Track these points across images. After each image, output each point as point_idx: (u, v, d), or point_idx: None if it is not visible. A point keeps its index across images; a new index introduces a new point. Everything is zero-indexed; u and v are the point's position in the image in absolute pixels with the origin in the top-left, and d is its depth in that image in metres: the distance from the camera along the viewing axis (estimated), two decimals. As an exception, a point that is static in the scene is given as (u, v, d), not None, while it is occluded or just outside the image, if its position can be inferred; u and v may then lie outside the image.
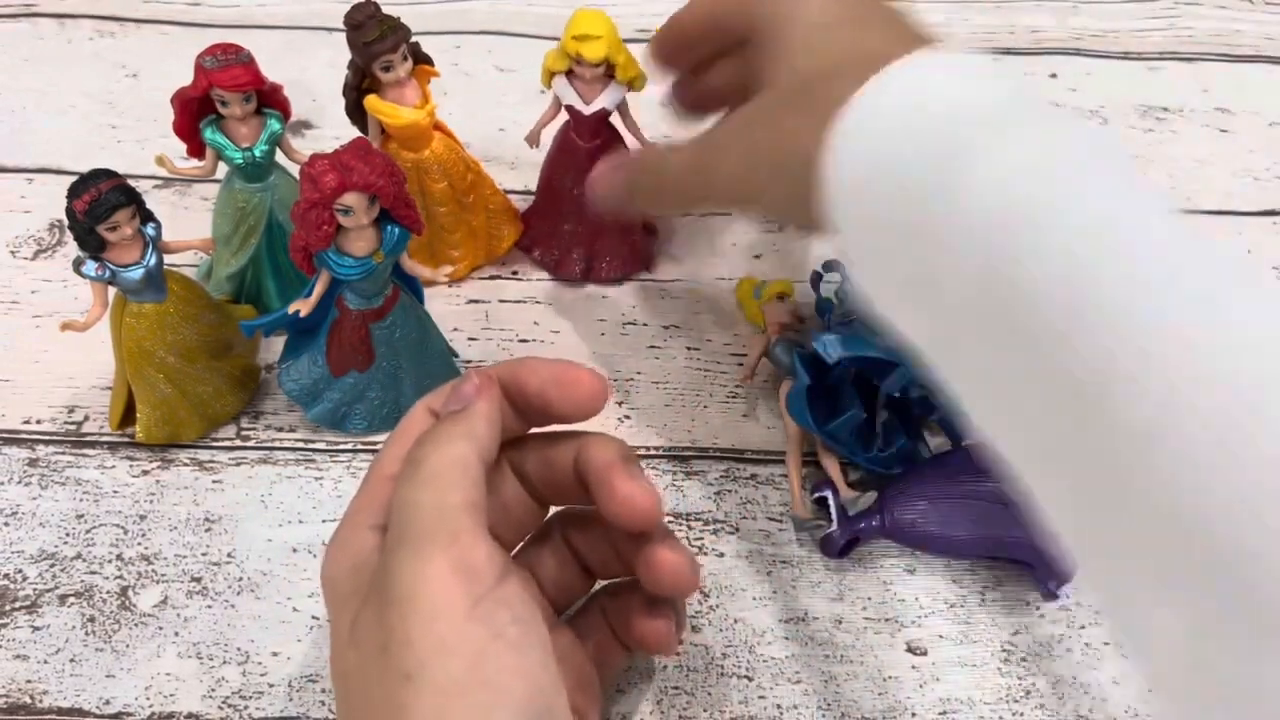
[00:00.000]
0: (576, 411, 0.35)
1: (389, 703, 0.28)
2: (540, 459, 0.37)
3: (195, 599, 0.45)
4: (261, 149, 0.48)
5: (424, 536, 0.30)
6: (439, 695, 0.27)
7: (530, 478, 0.37)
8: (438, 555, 0.29)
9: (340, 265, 0.43)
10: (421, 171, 0.52)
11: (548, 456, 0.37)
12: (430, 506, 0.30)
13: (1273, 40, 0.68)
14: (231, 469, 0.49)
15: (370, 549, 0.32)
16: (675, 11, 0.43)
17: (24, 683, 0.43)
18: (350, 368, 0.47)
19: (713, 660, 0.44)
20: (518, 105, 0.63)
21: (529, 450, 0.37)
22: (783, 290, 0.52)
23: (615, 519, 0.34)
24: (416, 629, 0.28)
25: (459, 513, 0.30)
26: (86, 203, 0.41)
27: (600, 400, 0.35)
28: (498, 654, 0.28)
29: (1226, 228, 0.58)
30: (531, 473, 0.37)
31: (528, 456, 0.37)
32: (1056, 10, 0.69)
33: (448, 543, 0.29)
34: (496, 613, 0.29)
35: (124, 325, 0.46)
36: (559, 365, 0.35)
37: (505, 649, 0.28)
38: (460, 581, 0.29)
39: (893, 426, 0.47)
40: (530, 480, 0.37)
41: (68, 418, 0.50)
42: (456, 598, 0.28)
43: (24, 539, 0.46)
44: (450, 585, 0.29)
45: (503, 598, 0.29)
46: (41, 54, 0.66)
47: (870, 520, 0.45)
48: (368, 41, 0.47)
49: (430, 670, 0.28)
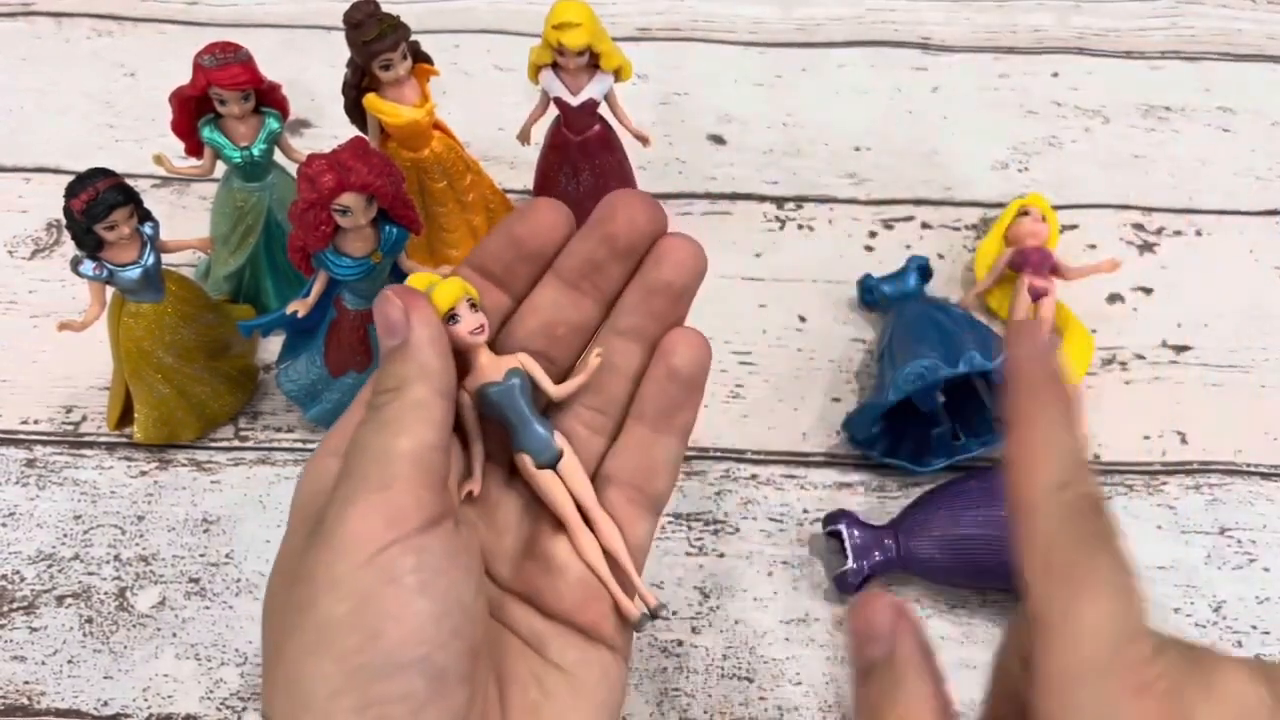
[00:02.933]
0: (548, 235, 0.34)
1: (282, 627, 0.29)
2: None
3: (193, 600, 0.45)
4: (260, 148, 0.48)
5: (358, 479, 0.30)
6: (317, 632, 0.28)
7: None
8: (361, 499, 0.29)
9: (338, 265, 0.43)
10: (421, 171, 0.51)
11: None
12: (375, 450, 0.30)
13: (1275, 39, 0.68)
14: (230, 469, 0.49)
15: (331, 476, 0.32)
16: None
17: (22, 684, 0.42)
18: (349, 368, 0.47)
19: (713, 661, 0.44)
20: (517, 104, 0.63)
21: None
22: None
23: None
24: (320, 566, 0.29)
25: (400, 459, 0.30)
26: (84, 202, 0.41)
27: (560, 216, 0.34)
28: (383, 599, 0.28)
29: (1228, 227, 0.58)
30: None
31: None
32: (1058, 9, 0.69)
33: (377, 487, 0.30)
34: (401, 559, 0.29)
35: (122, 325, 0.46)
36: (509, 217, 0.34)
37: (394, 595, 0.29)
38: (376, 527, 0.29)
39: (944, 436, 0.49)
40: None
41: (65, 418, 0.50)
42: (364, 542, 0.29)
43: (21, 540, 0.46)
44: (363, 529, 0.29)
45: (418, 545, 0.29)
46: (39, 53, 0.66)
47: (887, 554, 0.44)
48: (367, 40, 0.47)
49: (319, 607, 0.28)
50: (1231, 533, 0.47)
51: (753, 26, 0.68)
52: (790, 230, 0.58)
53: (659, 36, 0.68)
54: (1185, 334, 0.54)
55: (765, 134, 0.62)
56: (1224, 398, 0.52)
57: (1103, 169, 0.61)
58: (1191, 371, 0.53)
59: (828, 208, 0.59)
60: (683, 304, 0.36)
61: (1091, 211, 0.59)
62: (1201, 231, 0.58)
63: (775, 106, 0.64)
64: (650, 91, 0.64)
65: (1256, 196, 0.60)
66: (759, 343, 0.54)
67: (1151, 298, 0.55)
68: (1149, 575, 0.46)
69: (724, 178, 0.60)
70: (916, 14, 0.69)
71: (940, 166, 0.61)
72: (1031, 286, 0.51)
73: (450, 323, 0.32)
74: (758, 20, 0.68)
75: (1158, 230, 0.58)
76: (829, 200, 0.59)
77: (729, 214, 0.59)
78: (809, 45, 0.67)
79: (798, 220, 0.59)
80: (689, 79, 0.65)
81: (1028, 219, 0.53)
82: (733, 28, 0.68)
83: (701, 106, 0.64)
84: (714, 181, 0.60)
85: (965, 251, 0.57)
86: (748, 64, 0.66)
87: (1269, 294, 0.56)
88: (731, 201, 0.59)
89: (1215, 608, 0.45)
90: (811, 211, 0.59)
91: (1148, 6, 0.69)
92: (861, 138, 0.62)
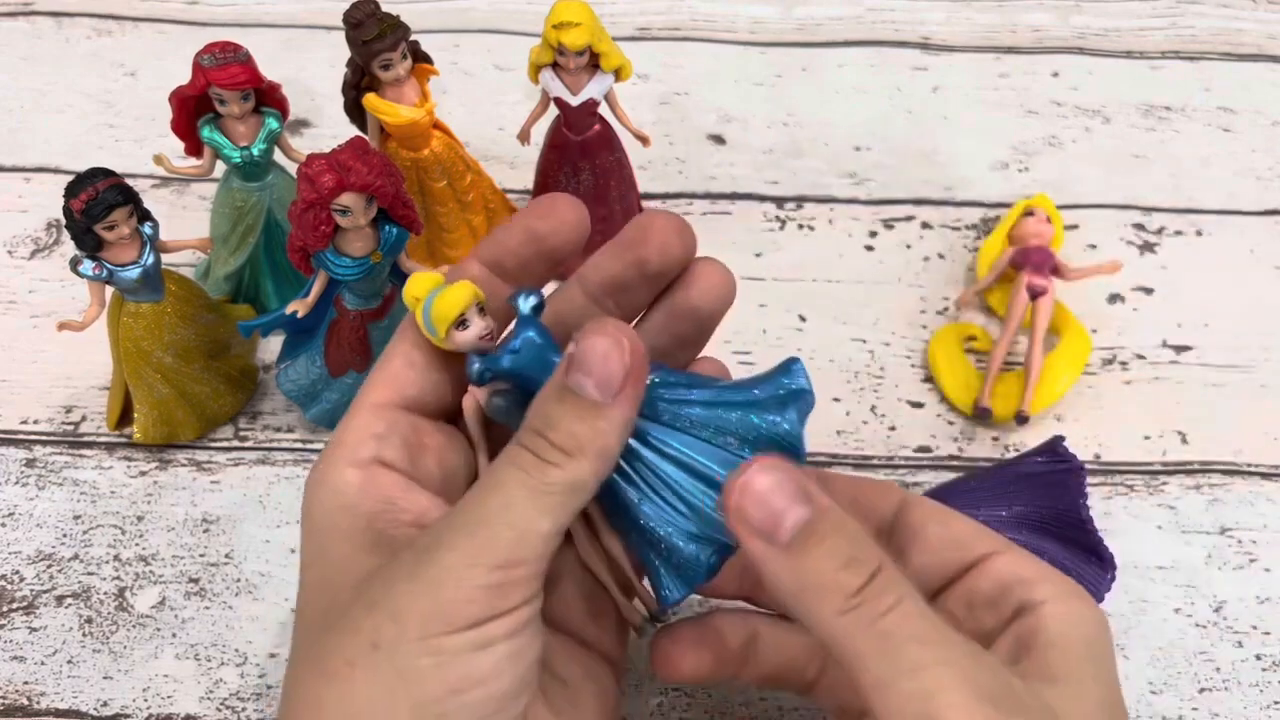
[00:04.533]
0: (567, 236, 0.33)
1: (341, 651, 0.29)
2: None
3: (193, 600, 0.45)
4: (260, 148, 0.48)
5: (485, 540, 0.29)
6: (396, 675, 0.28)
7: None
8: (485, 568, 0.29)
9: (338, 265, 0.43)
10: (421, 170, 0.51)
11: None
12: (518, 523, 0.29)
13: (1275, 39, 0.68)
14: (229, 469, 0.49)
15: (354, 490, 0.32)
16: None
17: (21, 684, 0.42)
18: (349, 368, 0.47)
19: (713, 662, 0.43)
20: (517, 104, 0.63)
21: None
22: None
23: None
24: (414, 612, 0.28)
25: (535, 541, 0.29)
26: (84, 202, 0.41)
27: (582, 215, 0.34)
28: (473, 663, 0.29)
29: (1229, 227, 0.58)
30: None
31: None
32: (1058, 9, 0.69)
33: (504, 563, 0.29)
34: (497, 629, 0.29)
35: (121, 325, 0.46)
36: (525, 213, 0.34)
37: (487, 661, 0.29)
38: (487, 598, 0.29)
39: None
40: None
41: (65, 418, 0.50)
42: (470, 610, 0.29)
43: (21, 540, 0.46)
44: (475, 597, 0.29)
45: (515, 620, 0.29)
46: (39, 53, 0.66)
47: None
48: (367, 40, 0.47)
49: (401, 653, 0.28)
50: (1232, 533, 0.47)
51: (753, 26, 0.68)
52: (790, 230, 0.58)
53: (659, 36, 0.68)
54: (1185, 334, 0.54)
55: (765, 134, 0.62)
56: (1224, 398, 0.52)
57: (1103, 169, 0.61)
58: (1192, 371, 0.53)
59: (828, 208, 0.59)
60: (708, 329, 0.35)
61: (1092, 211, 0.59)
62: (1202, 231, 0.58)
63: (775, 106, 0.64)
64: (650, 91, 0.64)
65: (1256, 196, 0.60)
66: (759, 343, 0.54)
67: (1152, 298, 0.55)
68: (1149, 575, 0.46)
69: (724, 178, 0.60)
70: (916, 14, 0.69)
71: (940, 166, 0.61)
72: (1030, 285, 0.51)
73: (460, 328, 0.31)
74: (758, 20, 0.68)
75: (1158, 230, 0.58)
76: (829, 200, 0.59)
77: (729, 214, 0.59)
78: (809, 45, 0.67)
79: (798, 220, 0.59)
80: (689, 79, 0.65)
81: (1032, 219, 0.53)
82: (733, 27, 0.68)
83: (701, 106, 0.64)
84: (714, 181, 0.60)
85: (966, 251, 0.57)
86: (748, 64, 0.66)
87: (1269, 294, 0.56)
88: (731, 201, 0.59)
89: (1216, 608, 0.45)
90: (811, 211, 0.59)
91: (1148, 6, 0.69)
92: (861, 138, 0.62)
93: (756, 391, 0.32)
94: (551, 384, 0.30)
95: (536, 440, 0.29)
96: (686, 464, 0.31)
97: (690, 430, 0.31)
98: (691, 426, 0.31)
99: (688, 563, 0.31)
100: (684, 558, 0.31)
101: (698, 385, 0.32)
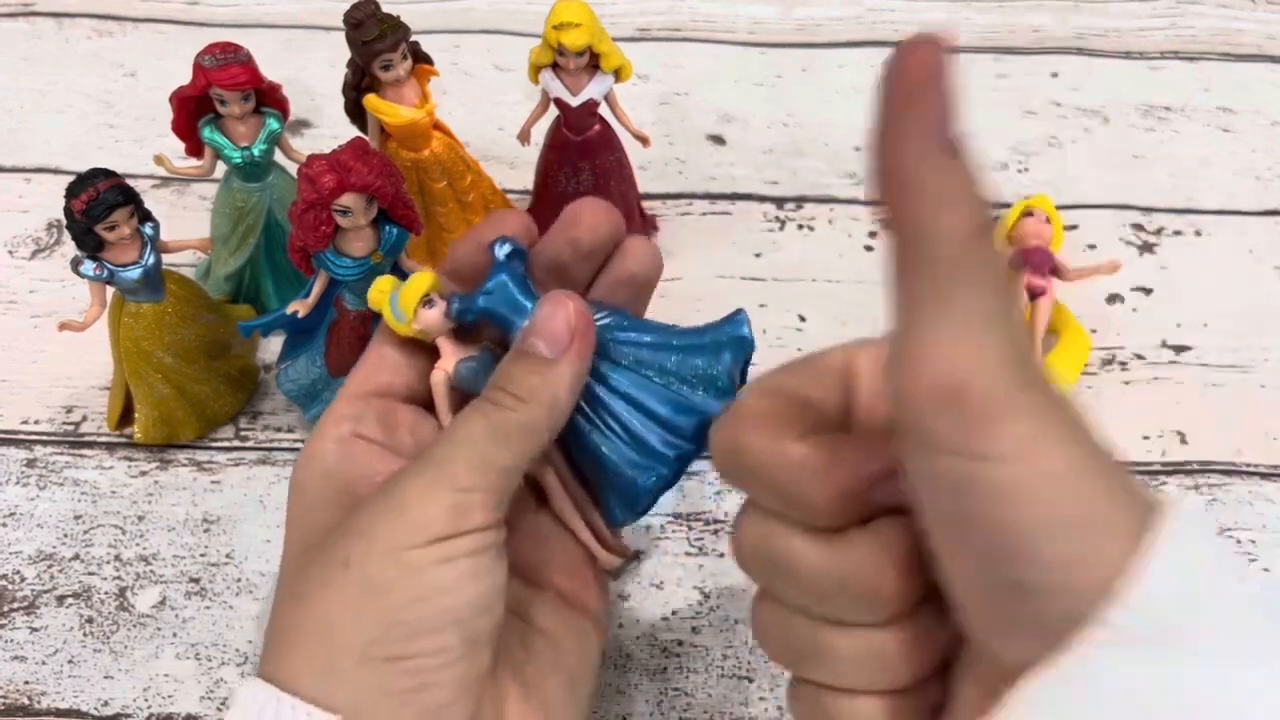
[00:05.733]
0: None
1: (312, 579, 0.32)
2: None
3: (194, 600, 0.45)
4: (260, 148, 0.48)
5: (445, 468, 0.32)
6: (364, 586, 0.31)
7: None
8: (443, 492, 0.32)
9: (338, 266, 0.43)
10: (421, 171, 0.51)
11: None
12: (475, 453, 0.33)
13: (1275, 40, 0.68)
14: (230, 469, 0.49)
15: (334, 459, 0.35)
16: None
17: (22, 684, 0.43)
18: (349, 368, 0.47)
19: (713, 661, 0.44)
20: (517, 104, 0.63)
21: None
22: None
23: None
24: (380, 532, 0.31)
25: (493, 471, 0.33)
26: (84, 202, 0.41)
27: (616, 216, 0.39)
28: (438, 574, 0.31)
29: (1228, 227, 0.58)
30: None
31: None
32: (1058, 9, 0.69)
33: (463, 486, 0.32)
34: (460, 545, 0.32)
35: (122, 325, 0.46)
36: (565, 221, 0.38)
37: (449, 573, 0.31)
38: (448, 518, 0.32)
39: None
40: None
41: (65, 418, 0.50)
42: (434, 526, 0.31)
43: (22, 540, 0.46)
44: (436, 516, 0.32)
45: (478, 542, 0.32)
46: (39, 53, 0.66)
47: None
48: (367, 40, 0.47)
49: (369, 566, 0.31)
50: (1231, 533, 0.47)
51: (753, 26, 0.68)
52: (790, 230, 0.58)
53: (659, 36, 0.68)
54: (1185, 334, 0.54)
55: (765, 134, 0.62)
56: (1224, 398, 0.52)
57: (1103, 169, 0.61)
58: (1191, 372, 0.53)
59: (828, 208, 0.59)
60: (645, 295, 0.40)
61: (1091, 212, 0.59)
62: (1201, 231, 0.58)
63: (775, 106, 0.64)
64: (650, 91, 0.64)
65: (1256, 196, 0.60)
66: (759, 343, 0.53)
67: (1151, 298, 0.55)
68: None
69: (724, 178, 0.60)
70: (916, 14, 0.69)
71: (940, 166, 0.61)
72: (1029, 285, 0.51)
73: (426, 306, 0.35)
74: (758, 20, 0.68)
75: (1157, 230, 0.58)
76: (829, 200, 0.59)
77: (729, 214, 0.59)
78: (809, 45, 0.67)
79: (798, 220, 0.59)
80: (689, 79, 0.65)
81: (1031, 220, 0.53)
82: (733, 28, 0.68)
83: (701, 106, 0.64)
84: (714, 181, 0.60)
85: (965, 251, 0.57)
86: (748, 64, 0.66)
87: (1269, 294, 0.56)
88: (731, 201, 0.59)
89: (1215, 608, 0.45)
90: (811, 211, 0.59)
91: (1148, 6, 0.70)
92: (862, 138, 0.62)
93: (702, 337, 0.36)
94: (512, 350, 0.34)
95: (497, 393, 0.33)
96: (633, 399, 0.35)
97: (637, 369, 0.35)
98: (638, 365, 0.35)
99: (629, 487, 0.35)
100: (626, 482, 0.35)
101: (650, 330, 0.36)
